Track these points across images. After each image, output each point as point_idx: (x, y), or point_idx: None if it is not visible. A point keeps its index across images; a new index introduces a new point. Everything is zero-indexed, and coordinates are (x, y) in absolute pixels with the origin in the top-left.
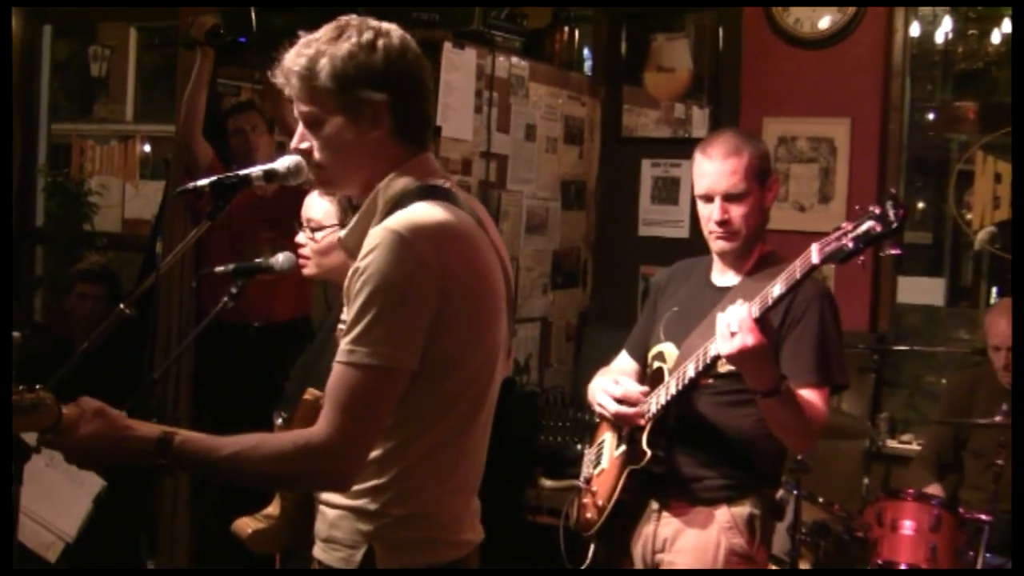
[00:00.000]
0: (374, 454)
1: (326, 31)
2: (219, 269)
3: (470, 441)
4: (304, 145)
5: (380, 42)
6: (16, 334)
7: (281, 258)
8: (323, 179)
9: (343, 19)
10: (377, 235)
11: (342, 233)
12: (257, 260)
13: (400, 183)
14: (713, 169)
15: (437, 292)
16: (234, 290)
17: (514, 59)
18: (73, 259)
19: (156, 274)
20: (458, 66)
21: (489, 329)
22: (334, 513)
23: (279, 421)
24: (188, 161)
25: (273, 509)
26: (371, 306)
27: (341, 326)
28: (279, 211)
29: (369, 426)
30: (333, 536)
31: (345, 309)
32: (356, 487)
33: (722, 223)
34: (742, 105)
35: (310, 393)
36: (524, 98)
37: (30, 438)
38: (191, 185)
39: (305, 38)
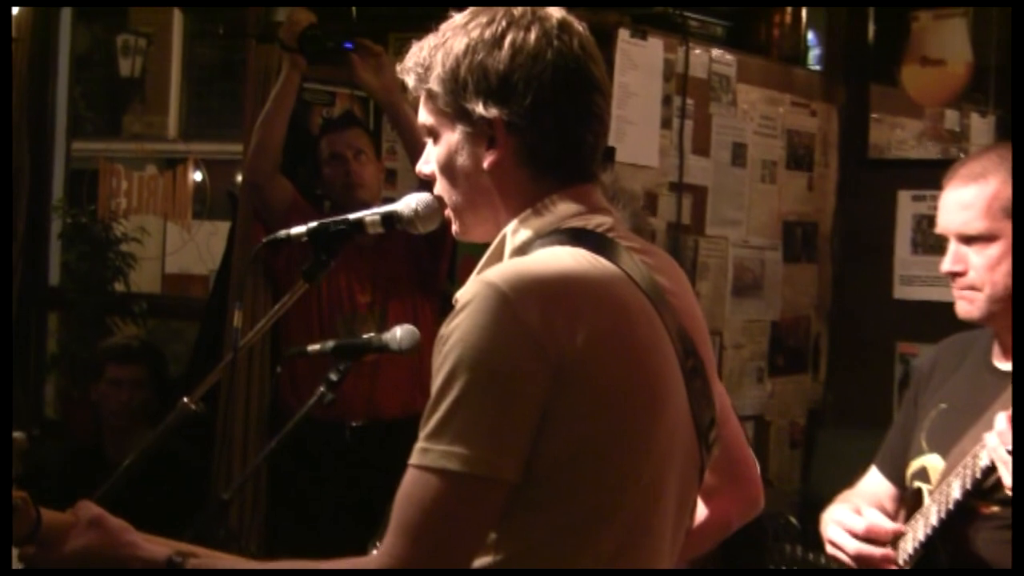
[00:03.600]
0: None
1: (463, 15)
2: (313, 348)
3: None
4: (427, 168)
5: (510, 36)
6: (18, 435)
7: (399, 333)
8: (450, 216)
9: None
10: (470, 289)
11: (459, 293)
12: (366, 336)
13: (532, 225)
14: (948, 201)
15: (547, 373)
16: (334, 377)
17: (716, 51)
18: (100, 331)
19: (234, 357)
20: (638, 63)
21: (635, 435)
22: None
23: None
24: (258, 205)
25: None
26: (451, 387)
27: None
28: (382, 264)
29: (442, 557)
30: None
31: None
32: None
33: (955, 275)
34: None
35: None
36: (730, 106)
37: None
38: (283, 234)
39: (444, 23)
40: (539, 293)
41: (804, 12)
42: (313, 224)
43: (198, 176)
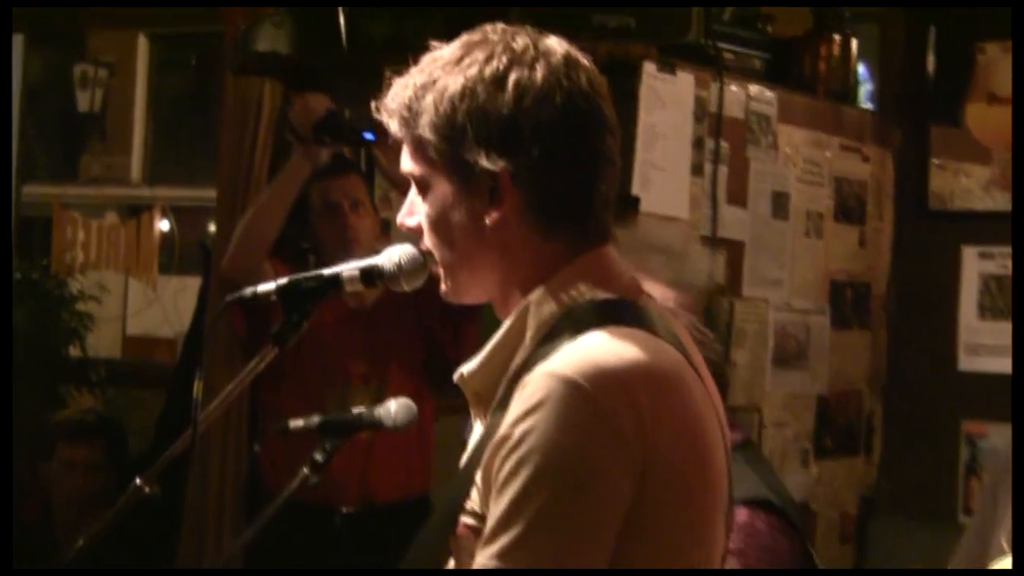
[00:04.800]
0: None
1: (453, 48)
2: (295, 424)
3: None
4: (412, 221)
5: (513, 76)
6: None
7: (394, 407)
8: (440, 275)
9: (485, 29)
10: (540, 385)
11: (465, 369)
12: (356, 410)
13: (558, 299)
14: None
15: (634, 478)
16: (319, 457)
17: (754, 88)
18: (51, 402)
19: (193, 433)
20: (666, 100)
21: (706, 528)
22: None
23: None
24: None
25: None
26: (532, 498)
27: (468, 520)
28: (382, 330)
29: None
30: None
31: (474, 493)
32: None
33: None
34: None
35: None
36: (770, 149)
37: None
38: (249, 292)
39: (428, 55)
40: (622, 388)
41: (854, 43)
42: (283, 280)
43: (165, 225)
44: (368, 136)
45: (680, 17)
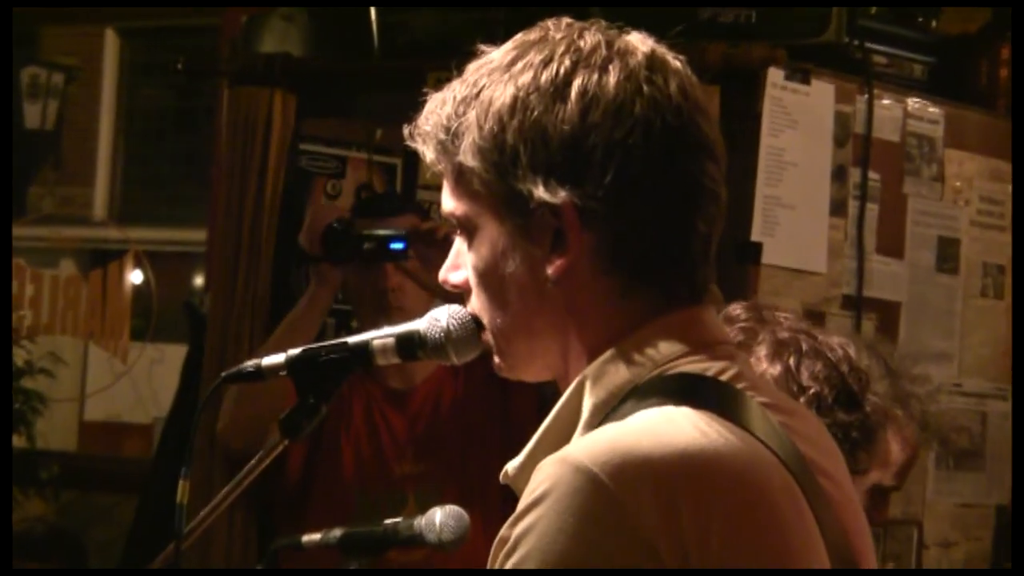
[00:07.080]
0: None
1: (505, 50)
2: (310, 539)
3: None
4: (457, 276)
5: (578, 82)
6: None
7: (440, 518)
8: (491, 343)
9: (546, 25)
10: (547, 473)
11: (510, 466)
12: (391, 521)
13: (622, 370)
14: None
15: None
16: None
17: (914, 102)
18: None
19: (177, 549)
20: (797, 118)
21: None
22: None
23: None
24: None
25: None
26: None
27: None
28: (441, 421)
29: None
30: None
31: None
32: None
33: None
34: None
35: None
36: (935, 182)
37: None
38: (251, 365)
39: (474, 61)
40: (654, 483)
41: None
42: (295, 351)
43: (138, 277)
44: (396, 246)
45: (815, 10)
